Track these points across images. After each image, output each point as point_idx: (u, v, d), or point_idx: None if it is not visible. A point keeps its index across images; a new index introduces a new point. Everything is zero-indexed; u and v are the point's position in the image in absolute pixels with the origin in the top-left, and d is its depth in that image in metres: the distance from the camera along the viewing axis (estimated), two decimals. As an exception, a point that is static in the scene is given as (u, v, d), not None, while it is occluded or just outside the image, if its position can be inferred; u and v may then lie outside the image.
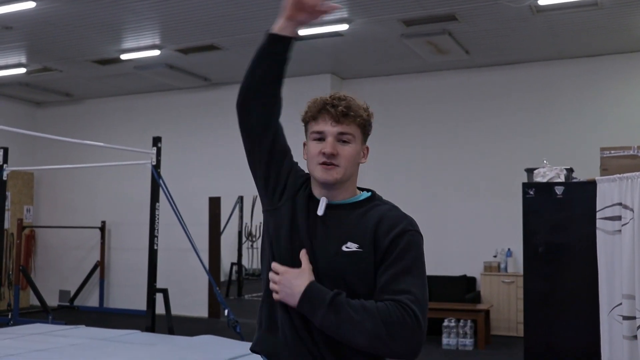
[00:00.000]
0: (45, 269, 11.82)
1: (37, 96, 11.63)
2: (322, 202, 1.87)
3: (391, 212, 1.88)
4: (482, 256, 9.02)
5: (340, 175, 1.85)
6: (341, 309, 1.69)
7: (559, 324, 5.06)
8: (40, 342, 5.58)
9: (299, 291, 1.75)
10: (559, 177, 5.17)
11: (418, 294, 1.72)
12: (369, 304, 1.70)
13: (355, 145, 1.89)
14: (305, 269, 1.79)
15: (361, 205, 1.90)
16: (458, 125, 9.54)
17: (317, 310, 1.72)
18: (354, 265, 1.78)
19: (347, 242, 1.80)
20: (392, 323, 1.66)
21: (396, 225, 1.82)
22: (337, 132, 1.85)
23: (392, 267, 1.76)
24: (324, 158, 1.84)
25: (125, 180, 10.96)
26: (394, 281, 1.74)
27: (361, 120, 1.89)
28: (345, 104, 1.86)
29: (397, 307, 1.68)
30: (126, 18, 7.61)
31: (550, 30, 7.91)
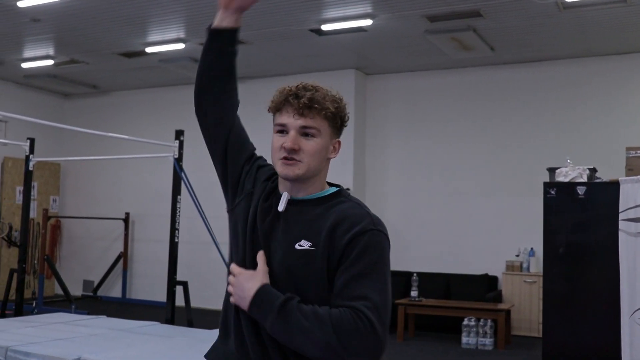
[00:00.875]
0: (70, 259, 11.98)
1: (64, 88, 11.78)
2: (284, 198, 1.74)
3: (353, 210, 1.71)
4: (504, 255, 8.93)
5: (302, 171, 1.71)
6: (291, 315, 1.58)
7: (579, 326, 5.00)
8: (61, 331, 5.65)
9: (249, 295, 1.64)
10: (582, 177, 5.09)
11: (376, 300, 1.58)
12: (322, 311, 1.57)
13: (321, 140, 1.73)
14: (259, 271, 1.68)
15: (325, 201, 1.75)
16: (482, 122, 9.45)
17: (267, 316, 1.61)
18: (305, 265, 1.65)
19: (301, 239, 1.68)
20: (345, 331, 1.53)
21: (356, 224, 1.66)
22: (299, 125, 1.71)
23: (349, 270, 1.61)
24: (285, 153, 1.71)
25: (149, 173, 11.05)
26: (350, 286, 1.60)
27: (328, 113, 1.72)
28: (310, 95, 1.70)
29: (351, 315, 1.55)
30: (151, 11, 7.66)
31: (577, 27, 7.78)
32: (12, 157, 10.96)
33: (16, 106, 10.22)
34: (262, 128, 11.67)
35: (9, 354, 4.92)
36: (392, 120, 10.04)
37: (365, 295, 1.58)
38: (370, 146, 10.14)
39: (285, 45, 8.76)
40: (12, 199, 11.14)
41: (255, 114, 11.43)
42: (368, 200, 10.09)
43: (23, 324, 6.09)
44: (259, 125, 10.34)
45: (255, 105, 12.02)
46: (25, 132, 9.04)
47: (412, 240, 9.69)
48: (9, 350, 4.92)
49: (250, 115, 12.37)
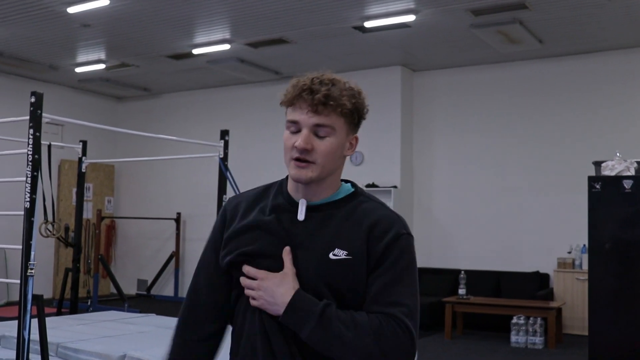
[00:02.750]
0: (124, 258, 12.27)
1: (117, 91, 12.07)
2: (302, 205, 1.64)
3: (381, 212, 1.64)
4: (555, 252, 8.72)
5: (315, 174, 1.60)
6: (331, 323, 1.52)
7: (627, 325, 4.85)
8: (109, 329, 5.79)
9: (283, 301, 1.55)
10: (629, 171, 4.93)
11: (411, 306, 1.56)
12: (361, 318, 1.53)
13: (336, 139, 1.61)
14: (288, 273, 1.58)
15: (344, 203, 1.66)
16: (531, 117, 9.25)
17: (305, 324, 1.53)
18: (344, 274, 1.57)
19: (334, 248, 1.58)
20: (386, 340, 1.51)
21: (390, 229, 1.60)
22: (313, 123, 1.59)
23: (384, 275, 1.57)
24: (297, 153, 1.60)
25: (197, 173, 11.23)
26: (386, 292, 1.56)
27: (345, 110, 1.60)
28: (326, 91, 1.58)
29: (390, 322, 1.52)
30: (196, 13, 7.78)
31: (627, 16, 7.54)
32: (68, 159, 11.29)
33: (71, 110, 10.54)
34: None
35: (60, 350, 5.08)
36: (439, 116, 9.93)
37: (402, 302, 1.56)
38: (417, 143, 10.05)
39: (329, 44, 8.77)
40: (69, 200, 11.48)
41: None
42: (416, 198, 10.02)
43: (76, 321, 6.27)
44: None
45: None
46: (80, 135, 9.29)
47: (460, 238, 9.57)
48: (59, 347, 5.07)
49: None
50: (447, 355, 7.08)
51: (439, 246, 9.71)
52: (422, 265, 9.78)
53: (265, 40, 8.70)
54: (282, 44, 8.81)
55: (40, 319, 4.76)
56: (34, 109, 4.75)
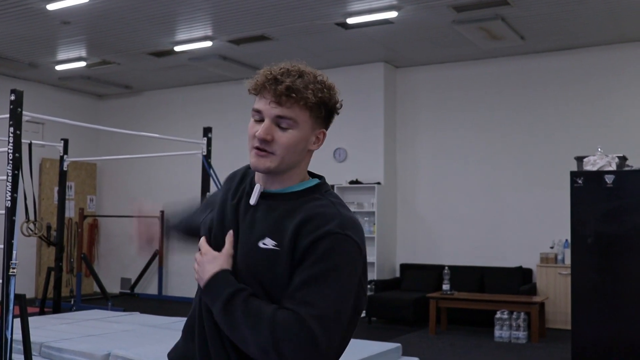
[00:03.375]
0: (107, 257, 12.19)
1: (98, 89, 11.97)
2: (256, 190, 1.64)
3: (323, 209, 1.57)
4: (538, 247, 8.79)
5: (274, 165, 1.58)
6: (235, 310, 1.50)
7: (609, 318, 4.90)
8: (94, 328, 5.76)
9: (206, 277, 1.58)
10: (610, 166, 4.98)
11: (323, 309, 1.45)
12: (267, 311, 1.47)
13: (299, 132, 1.58)
14: (223, 254, 1.60)
15: (298, 196, 1.62)
16: (514, 113, 9.31)
17: (214, 303, 1.54)
18: (268, 264, 1.54)
19: (265, 237, 1.56)
20: (282, 339, 1.43)
21: (321, 226, 1.52)
22: (275, 114, 1.56)
23: (304, 272, 1.49)
24: (257, 143, 1.58)
25: (180, 170, 11.17)
26: (302, 289, 1.47)
27: (308, 103, 1.56)
28: (290, 82, 1.55)
29: (293, 321, 1.43)
30: (178, 10, 7.73)
31: (608, 13, 7.60)
32: (49, 158, 11.19)
33: (52, 108, 10.44)
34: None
35: (43, 349, 5.04)
36: (422, 113, 9.96)
37: (313, 303, 1.45)
38: (400, 139, 10.07)
39: (311, 40, 8.76)
40: (50, 199, 11.38)
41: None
42: (400, 194, 10.04)
43: (59, 320, 6.23)
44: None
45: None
46: (61, 134, 9.21)
47: (444, 234, 9.61)
48: (42, 346, 5.04)
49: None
50: (431, 350, 7.11)
51: (422, 242, 9.75)
52: (406, 261, 9.81)
53: (247, 37, 8.67)
54: (264, 40, 8.78)
55: (23, 319, 4.73)
56: (14, 107, 4.70)
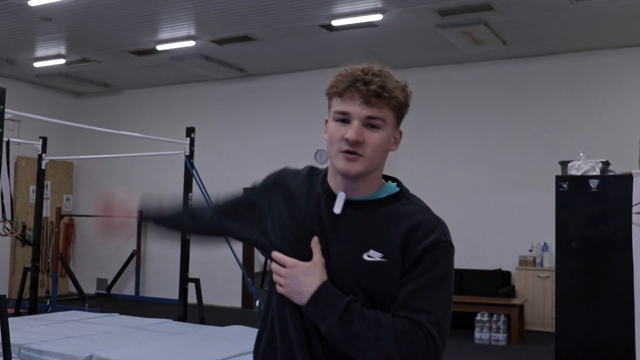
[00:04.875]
0: (83, 257, 12.04)
1: (76, 87, 11.83)
2: (340, 199, 1.59)
3: (424, 217, 1.58)
4: (517, 250, 8.87)
5: (364, 167, 1.56)
6: (353, 320, 1.48)
7: (593, 321, 4.95)
8: (73, 329, 5.67)
9: (308, 291, 1.52)
10: (594, 170, 5.04)
11: (440, 316, 1.51)
12: (385, 320, 1.49)
13: (386, 132, 1.58)
14: (317, 264, 1.55)
15: (386, 203, 1.61)
16: (495, 116, 9.39)
17: (326, 317, 1.50)
18: (377, 277, 1.53)
19: (369, 249, 1.54)
20: (407, 346, 1.46)
21: (429, 234, 1.54)
22: (365, 115, 1.54)
23: (416, 280, 1.52)
24: (347, 145, 1.54)
25: (161, 170, 11.08)
26: (416, 297, 1.51)
27: (396, 103, 1.58)
28: (380, 82, 1.54)
29: (415, 329, 1.47)
30: (162, 9, 7.67)
31: (590, 20, 7.70)
32: (25, 156, 11.02)
33: (29, 106, 10.24)
34: (274, 125, 11.54)
35: (22, 352, 4.94)
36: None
37: (430, 310, 1.50)
38: (381, 142, 10.08)
39: (295, 42, 8.74)
40: (26, 198, 11.22)
41: (267, 111, 11.43)
42: (380, 196, 10.05)
43: (37, 322, 6.13)
44: (270, 121, 10.44)
45: (267, 103, 11.99)
46: (38, 132, 9.08)
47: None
48: (22, 348, 4.95)
49: (261, 112, 12.37)
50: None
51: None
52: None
53: (230, 37, 8.63)
54: (247, 41, 8.75)
55: (3, 320, 4.64)
56: (-3, 104, 4.61)
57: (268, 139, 10.39)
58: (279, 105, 10.46)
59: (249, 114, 10.65)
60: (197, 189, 7.60)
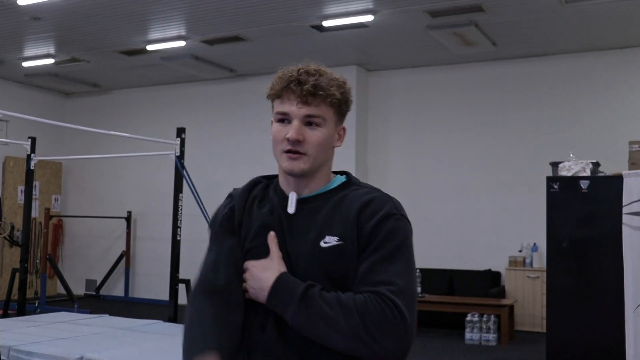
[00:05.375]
0: (72, 258, 11.98)
1: (65, 87, 11.76)
2: (292, 198, 1.62)
3: (373, 194, 1.62)
4: (507, 250, 8.90)
5: (308, 165, 1.59)
6: (314, 303, 1.48)
7: (583, 321, 4.98)
8: (63, 331, 5.64)
9: (267, 285, 1.53)
10: (585, 171, 5.06)
11: (402, 284, 1.49)
12: (345, 297, 1.48)
13: (327, 129, 1.60)
14: (273, 258, 1.57)
15: (336, 192, 1.64)
16: (485, 118, 9.42)
17: (288, 306, 1.50)
18: (337, 261, 1.54)
19: (324, 235, 1.56)
20: (372, 318, 1.45)
21: (380, 209, 1.57)
22: (303, 114, 1.57)
23: (373, 254, 1.53)
24: (289, 145, 1.58)
25: (151, 171, 11.04)
26: (374, 271, 1.51)
27: (334, 100, 1.59)
28: (314, 81, 1.56)
29: (376, 300, 1.46)
30: (152, 8, 7.64)
31: (580, 22, 7.75)
32: (13, 156, 10.96)
33: (17, 105, 10.20)
34: (264, 126, 11.44)
35: (12, 353, 4.91)
36: (394, 116, 10.01)
37: (390, 280, 1.49)
38: (372, 143, 10.11)
39: (286, 42, 8.73)
40: (13, 198, 11.14)
41: (258, 111, 11.43)
42: (370, 197, 10.06)
43: (25, 323, 6.09)
44: (261, 121, 10.42)
45: (258, 103, 11.97)
46: (26, 132, 9.03)
47: (414, 236, 9.62)
48: (11, 350, 4.91)
49: (252, 113, 12.34)
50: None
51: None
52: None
53: (221, 37, 8.61)
54: (238, 41, 8.73)
55: (-7, 321, 4.61)
56: (-13, 104, 4.58)
57: (258, 139, 10.38)
58: (269, 105, 10.39)
59: (240, 115, 10.63)
60: (187, 189, 7.58)
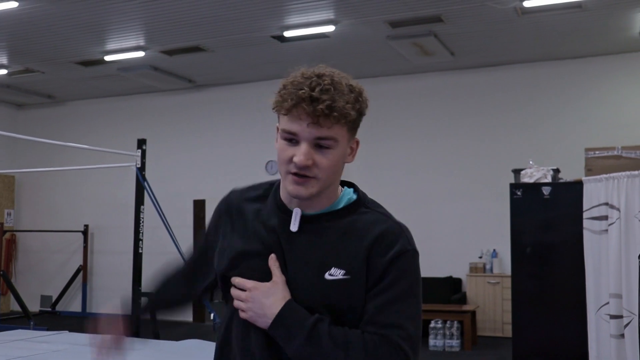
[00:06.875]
0: (26, 274, 11.67)
1: (18, 98, 11.49)
2: (296, 215, 1.50)
3: (385, 226, 1.51)
4: (467, 257, 9.03)
5: (316, 189, 1.46)
6: (322, 339, 1.41)
7: (547, 324, 5.07)
8: (22, 349, 5.48)
9: (272, 312, 1.45)
10: (546, 178, 5.18)
11: (410, 329, 1.45)
12: (354, 337, 1.43)
13: (339, 150, 1.47)
14: (278, 283, 1.47)
15: (345, 214, 1.53)
16: (444, 126, 9.55)
17: (293, 338, 1.44)
18: (341, 295, 1.46)
19: (330, 267, 1.46)
20: None
21: (393, 244, 1.48)
22: (314, 137, 1.43)
23: (383, 294, 1.46)
24: (296, 169, 1.44)
25: (109, 183, 10.86)
26: (384, 312, 1.45)
27: (349, 119, 1.45)
28: (329, 100, 1.40)
29: (386, 345, 1.42)
30: (110, 19, 7.54)
31: (535, 32, 7.94)
32: (-36, 170, 10.65)
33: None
34: (224, 136, 11.45)
35: (-31, 373, 4.75)
36: (353, 126, 10.05)
37: (400, 324, 1.44)
38: (332, 152, 10.12)
39: (246, 53, 8.72)
40: (-36, 213, 10.82)
41: (217, 122, 11.39)
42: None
43: (-19, 341, 5.90)
44: (221, 132, 10.42)
45: (218, 114, 11.93)
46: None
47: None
48: (-32, 370, 4.75)
49: (211, 124, 12.25)
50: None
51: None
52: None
53: (181, 48, 8.54)
54: (198, 52, 8.68)
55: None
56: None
57: (219, 150, 10.31)
58: (229, 116, 10.40)
59: (199, 126, 10.55)
60: (149, 201, 7.48)
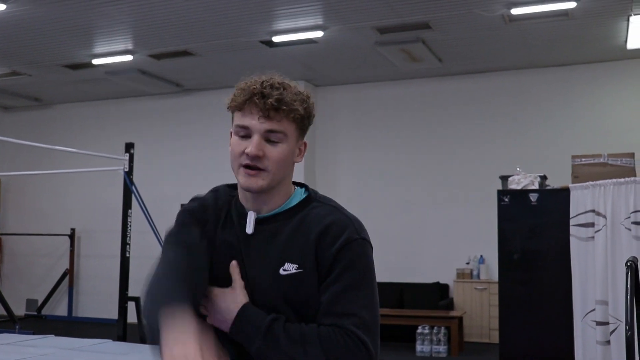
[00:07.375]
0: (11, 277, 11.58)
1: (5, 101, 11.42)
2: (250, 218, 1.58)
3: (332, 217, 1.56)
4: (454, 263, 9.06)
5: (267, 182, 1.54)
6: (279, 338, 1.46)
7: (534, 330, 5.11)
8: (8, 353, 5.43)
9: (230, 317, 1.51)
10: (533, 185, 5.23)
11: (366, 317, 1.48)
12: (309, 331, 1.46)
13: (288, 145, 1.56)
14: (235, 288, 1.53)
15: (296, 211, 1.59)
16: (431, 132, 9.60)
17: (252, 340, 1.48)
18: (297, 289, 1.51)
19: (284, 262, 1.53)
20: (336, 355, 1.43)
21: (340, 234, 1.53)
22: (265, 129, 1.53)
23: (335, 284, 1.50)
24: (247, 160, 1.53)
25: (97, 187, 10.80)
26: (337, 301, 1.48)
27: (297, 115, 1.55)
28: (278, 95, 1.52)
29: (342, 336, 1.45)
30: (99, 22, 7.51)
31: (522, 40, 8.01)
32: (-51, 173, 10.57)
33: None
34: (212, 141, 11.42)
35: (-46, 378, 4.71)
36: (342, 131, 10.09)
37: (354, 313, 1.47)
38: (320, 158, 10.15)
39: (234, 57, 8.72)
40: (-51, 216, 10.72)
41: (205, 126, 11.38)
42: (319, 212, 10.09)
43: (-34, 346, 5.85)
44: (209, 136, 10.41)
45: (206, 118, 11.91)
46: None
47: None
48: (-47, 375, 4.71)
49: (199, 128, 12.23)
50: (356, 367, 7.16)
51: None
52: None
53: (169, 52, 8.53)
54: (186, 56, 8.67)
55: None
56: None
57: (206, 155, 10.29)
58: (217, 120, 10.36)
59: (187, 130, 10.53)
60: (136, 205, 7.46)
